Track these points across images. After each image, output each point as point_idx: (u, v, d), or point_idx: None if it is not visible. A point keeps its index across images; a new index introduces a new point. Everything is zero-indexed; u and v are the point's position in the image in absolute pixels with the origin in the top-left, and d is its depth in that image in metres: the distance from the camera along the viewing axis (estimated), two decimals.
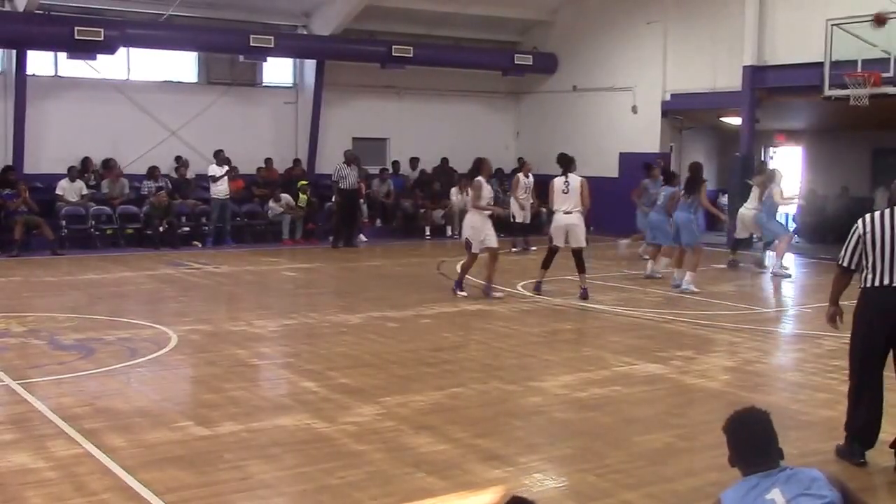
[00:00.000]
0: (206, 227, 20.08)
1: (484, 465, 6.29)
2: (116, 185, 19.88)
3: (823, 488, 3.66)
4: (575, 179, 13.37)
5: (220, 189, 19.89)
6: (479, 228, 13.10)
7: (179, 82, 21.76)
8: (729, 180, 21.50)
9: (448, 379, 8.71)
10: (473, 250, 13.18)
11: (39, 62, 19.99)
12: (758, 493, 3.66)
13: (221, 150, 20.09)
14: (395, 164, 23.71)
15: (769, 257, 17.16)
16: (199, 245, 19.72)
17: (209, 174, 19.97)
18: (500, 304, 12.86)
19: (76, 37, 18.53)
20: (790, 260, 19.08)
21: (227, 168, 19.98)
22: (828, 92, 17.21)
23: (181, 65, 21.81)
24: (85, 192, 19.33)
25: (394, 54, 22.28)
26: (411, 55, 22.44)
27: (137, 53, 20.88)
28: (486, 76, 24.71)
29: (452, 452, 6.57)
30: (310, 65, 22.78)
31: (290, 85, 23.19)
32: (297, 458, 6.46)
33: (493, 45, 25.18)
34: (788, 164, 23.70)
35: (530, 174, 19.12)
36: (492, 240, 13.13)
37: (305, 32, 22.70)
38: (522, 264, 17.27)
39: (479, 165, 13.52)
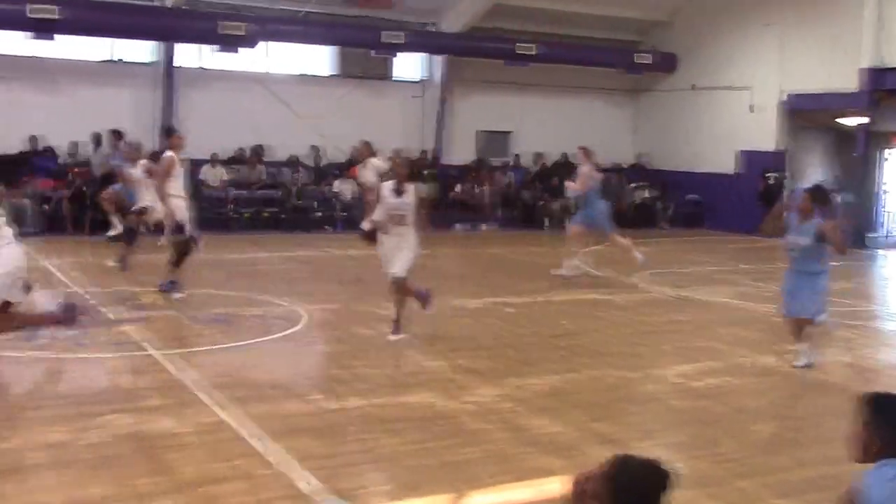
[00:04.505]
0: (334, 213, 20.97)
1: (600, 447, 6.30)
2: (254, 171, 21.03)
3: None
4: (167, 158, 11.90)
5: (345, 188, 20.95)
6: None
7: (315, 75, 22.72)
8: (847, 179, 21.57)
9: (563, 364, 8.96)
10: None
11: (186, 54, 21.15)
12: None
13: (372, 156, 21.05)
14: (517, 156, 24.40)
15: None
16: (330, 229, 20.63)
17: (334, 189, 21.01)
18: (616, 295, 12.99)
19: (219, 31, 19.64)
20: None
21: (350, 187, 20.71)
22: None
23: (317, 58, 22.75)
24: (225, 177, 20.46)
25: (517, 52, 22.78)
26: (534, 52, 22.91)
27: (276, 47, 21.84)
28: (605, 73, 24.94)
29: (570, 435, 6.74)
30: (437, 60, 23.54)
31: (419, 79, 23.93)
32: (419, 433, 6.69)
33: (613, 44, 25.41)
34: None
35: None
36: None
37: (434, 30, 23.41)
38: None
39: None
